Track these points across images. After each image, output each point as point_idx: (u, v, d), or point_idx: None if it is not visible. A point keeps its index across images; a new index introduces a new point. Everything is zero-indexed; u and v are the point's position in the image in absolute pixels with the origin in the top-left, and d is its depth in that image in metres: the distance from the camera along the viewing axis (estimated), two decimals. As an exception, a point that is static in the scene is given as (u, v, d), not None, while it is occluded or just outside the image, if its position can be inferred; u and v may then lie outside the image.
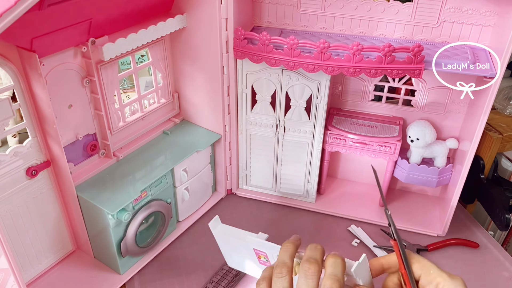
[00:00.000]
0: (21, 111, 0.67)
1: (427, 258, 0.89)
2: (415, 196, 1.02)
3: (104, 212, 0.72)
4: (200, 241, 0.90)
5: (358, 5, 0.83)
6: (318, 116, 0.87)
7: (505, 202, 0.91)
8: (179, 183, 0.87)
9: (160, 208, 0.82)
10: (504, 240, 1.10)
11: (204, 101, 0.92)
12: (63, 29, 0.63)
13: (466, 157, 0.81)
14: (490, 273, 0.84)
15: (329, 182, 1.05)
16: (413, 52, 0.71)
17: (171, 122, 0.95)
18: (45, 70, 0.66)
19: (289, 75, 0.84)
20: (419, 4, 0.80)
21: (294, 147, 0.93)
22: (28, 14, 0.49)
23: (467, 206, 1.02)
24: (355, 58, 0.73)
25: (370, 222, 0.95)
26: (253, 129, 0.93)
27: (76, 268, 0.82)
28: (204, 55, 0.85)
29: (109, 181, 0.78)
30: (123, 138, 0.85)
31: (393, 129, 0.91)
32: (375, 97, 0.95)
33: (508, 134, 0.93)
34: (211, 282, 0.79)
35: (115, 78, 0.78)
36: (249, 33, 0.78)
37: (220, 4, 0.77)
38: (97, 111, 0.78)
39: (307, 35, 0.86)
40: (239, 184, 1.03)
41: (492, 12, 0.77)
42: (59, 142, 0.69)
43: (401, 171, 0.93)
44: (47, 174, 0.74)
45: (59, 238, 0.81)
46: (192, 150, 0.87)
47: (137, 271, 0.82)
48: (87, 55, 0.71)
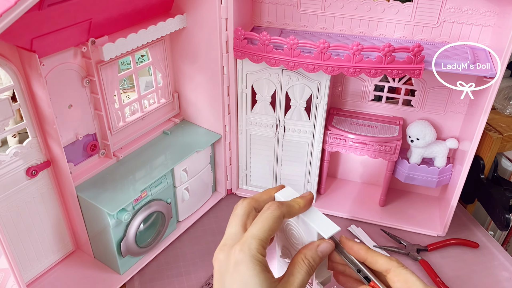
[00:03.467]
0: (21, 111, 0.67)
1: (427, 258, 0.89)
2: (415, 196, 1.02)
3: (104, 212, 0.72)
4: (200, 241, 0.90)
5: (358, 5, 0.83)
6: (318, 116, 0.87)
7: (505, 202, 0.91)
8: (179, 183, 0.87)
9: (160, 208, 0.82)
10: (504, 240, 1.10)
11: (204, 101, 0.92)
12: (63, 29, 0.63)
13: (466, 157, 0.81)
14: (490, 273, 0.84)
15: (329, 182, 1.05)
16: (413, 52, 0.71)
17: (171, 122, 0.95)
18: (45, 70, 0.66)
19: (289, 75, 0.84)
20: (419, 4, 0.80)
21: (294, 147, 0.93)
22: (28, 14, 0.49)
23: (467, 206, 1.02)
24: (355, 58, 0.73)
25: (370, 222, 0.95)
26: (253, 129, 0.93)
27: (76, 268, 0.82)
28: (204, 55, 0.85)
29: (109, 181, 0.78)
30: (123, 138, 0.85)
31: (393, 129, 0.91)
32: (375, 97, 0.95)
33: (508, 134, 0.93)
34: (208, 284, 0.79)
35: (115, 78, 0.78)
36: (249, 33, 0.78)
37: (220, 4, 0.77)
38: (97, 111, 0.78)
39: (307, 35, 0.86)
40: (239, 184, 1.03)
41: (492, 12, 0.77)
42: (59, 142, 0.69)
43: (401, 171, 0.93)
44: (47, 174, 0.74)
45: (59, 238, 0.81)
46: (192, 150, 0.87)
47: (137, 271, 0.82)
48: (87, 55, 0.71)
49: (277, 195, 0.48)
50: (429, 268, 0.83)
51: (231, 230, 0.44)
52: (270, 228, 0.42)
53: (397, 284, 0.42)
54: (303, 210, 0.46)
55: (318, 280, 0.48)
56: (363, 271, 0.44)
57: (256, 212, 0.45)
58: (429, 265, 0.84)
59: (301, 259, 0.44)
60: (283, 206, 0.44)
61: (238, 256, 0.40)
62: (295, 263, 0.44)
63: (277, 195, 0.48)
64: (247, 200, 0.46)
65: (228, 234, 0.43)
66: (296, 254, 0.45)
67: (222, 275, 0.41)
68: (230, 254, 0.41)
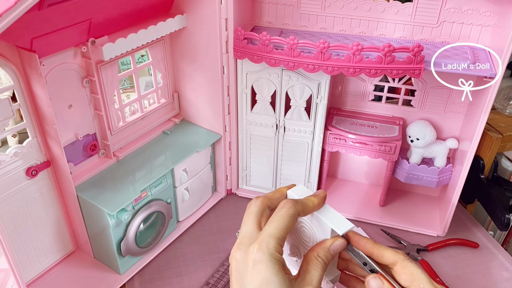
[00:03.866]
0: (21, 111, 0.67)
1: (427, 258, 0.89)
2: (415, 196, 1.02)
3: (104, 212, 0.72)
4: (200, 241, 0.90)
5: (358, 5, 0.83)
6: (318, 116, 0.87)
7: (505, 202, 0.91)
8: (179, 183, 0.87)
9: (160, 208, 0.82)
10: (504, 240, 1.10)
11: (204, 101, 0.92)
12: (63, 29, 0.63)
13: (466, 157, 0.81)
14: (490, 273, 0.84)
15: (329, 182, 1.05)
16: (413, 52, 0.71)
17: (171, 122, 0.95)
18: (45, 70, 0.66)
19: (289, 75, 0.84)
20: (419, 4, 0.80)
21: (294, 147, 0.93)
22: (28, 14, 0.49)
23: (467, 206, 1.02)
24: (355, 58, 0.73)
25: (370, 222, 0.95)
26: (253, 129, 0.93)
27: (76, 268, 0.82)
28: (204, 55, 0.85)
29: (109, 181, 0.78)
30: (123, 138, 0.85)
31: (393, 129, 0.91)
32: (375, 97, 0.95)
33: (508, 134, 0.93)
34: (208, 284, 0.79)
35: (115, 78, 0.78)
36: (249, 33, 0.78)
37: (220, 4, 0.77)
38: (97, 111, 0.78)
39: (307, 35, 0.86)
40: (239, 184, 1.03)
41: (492, 12, 0.77)
42: (59, 142, 0.69)
43: (401, 171, 0.93)
44: (47, 174, 0.74)
45: (59, 238, 0.81)
46: (192, 150, 0.87)
47: (137, 271, 0.82)
48: (87, 55, 0.71)
49: (289, 192, 0.48)
50: (429, 268, 0.83)
51: (247, 228, 0.44)
52: (286, 226, 0.42)
53: (403, 277, 0.43)
54: (317, 208, 0.46)
55: (327, 278, 0.48)
56: (369, 264, 0.45)
57: (269, 210, 0.46)
58: (429, 265, 0.84)
59: (314, 257, 0.44)
60: (297, 204, 0.44)
61: (257, 255, 0.40)
62: (309, 261, 0.44)
63: (290, 192, 0.48)
64: (260, 198, 0.46)
65: (243, 233, 0.43)
66: (309, 252, 0.45)
67: (240, 274, 0.41)
68: (248, 253, 0.41)
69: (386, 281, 0.43)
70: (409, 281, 0.43)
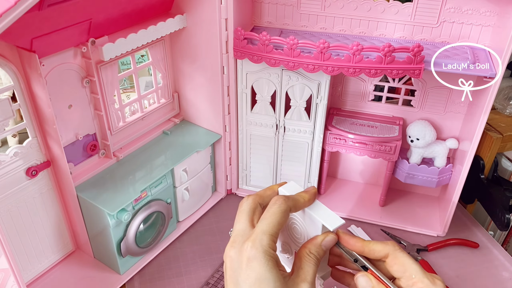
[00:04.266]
0: (21, 111, 0.67)
1: (427, 258, 0.89)
2: (415, 196, 1.02)
3: (104, 212, 0.72)
4: (200, 241, 0.90)
5: (358, 5, 0.83)
6: (318, 116, 0.87)
7: (505, 202, 0.91)
8: (179, 183, 0.87)
9: (160, 208, 0.82)
10: (504, 240, 1.10)
11: (204, 101, 0.92)
12: (63, 29, 0.63)
13: (466, 157, 0.81)
14: (490, 273, 0.84)
15: (329, 182, 1.05)
16: (413, 52, 0.71)
17: (171, 122, 0.95)
18: (45, 70, 0.66)
19: (289, 75, 0.84)
20: (419, 4, 0.80)
21: (294, 147, 0.93)
22: (28, 14, 0.49)
23: (467, 206, 1.02)
24: (355, 58, 0.73)
25: (370, 222, 0.95)
26: (253, 129, 0.93)
27: (76, 268, 0.82)
28: (204, 55, 0.85)
29: (109, 181, 0.78)
30: (123, 138, 0.85)
31: (393, 129, 0.91)
32: (375, 97, 0.95)
33: (508, 134, 0.93)
34: (208, 284, 0.79)
35: (115, 78, 0.78)
36: (249, 33, 0.78)
37: (220, 4, 0.77)
38: (97, 111, 0.78)
39: (307, 35, 0.86)
40: (239, 184, 1.03)
41: (492, 12, 0.77)
42: (59, 142, 0.69)
43: (401, 171, 0.93)
44: (47, 174, 0.74)
45: (59, 238, 0.81)
46: (192, 150, 0.87)
47: (137, 271, 0.82)
48: (87, 55, 0.71)
49: (281, 189, 0.49)
50: (429, 268, 0.83)
51: (240, 226, 0.44)
52: (279, 222, 0.43)
53: (395, 267, 0.44)
54: (308, 204, 0.47)
55: (318, 274, 0.48)
56: (360, 261, 0.45)
57: (261, 207, 0.46)
58: (429, 265, 0.84)
59: (306, 253, 0.44)
60: (289, 200, 0.45)
61: (251, 252, 0.40)
62: (302, 257, 0.44)
63: (281, 189, 0.49)
64: (251, 196, 0.46)
65: (237, 231, 0.44)
66: (301, 248, 0.45)
67: (235, 272, 0.41)
68: (242, 250, 0.41)
69: (374, 278, 0.43)
70: (401, 272, 0.43)
